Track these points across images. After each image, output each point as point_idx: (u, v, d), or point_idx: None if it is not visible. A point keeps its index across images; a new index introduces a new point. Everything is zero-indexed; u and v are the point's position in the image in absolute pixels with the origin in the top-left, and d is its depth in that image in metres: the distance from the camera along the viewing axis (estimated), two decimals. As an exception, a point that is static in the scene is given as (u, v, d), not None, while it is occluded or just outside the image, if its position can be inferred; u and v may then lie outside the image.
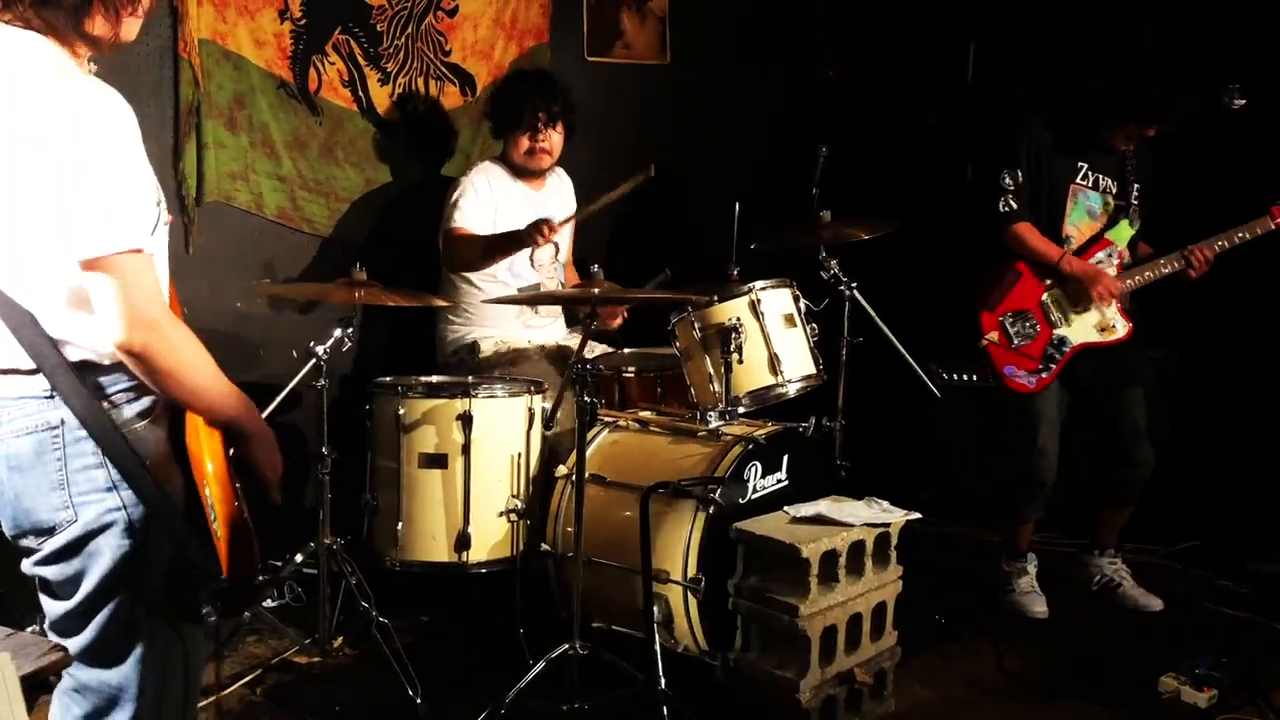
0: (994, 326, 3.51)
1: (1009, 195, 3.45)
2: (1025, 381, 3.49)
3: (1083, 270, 3.47)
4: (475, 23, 4.14)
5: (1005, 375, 3.50)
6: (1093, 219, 3.53)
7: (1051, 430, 3.53)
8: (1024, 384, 3.49)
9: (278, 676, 3.05)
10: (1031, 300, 3.52)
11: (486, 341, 3.73)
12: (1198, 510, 4.29)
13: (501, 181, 3.75)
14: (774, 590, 2.73)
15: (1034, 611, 3.58)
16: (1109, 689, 3.09)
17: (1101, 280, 3.45)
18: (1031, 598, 3.62)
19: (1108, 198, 3.53)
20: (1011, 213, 3.46)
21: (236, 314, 3.69)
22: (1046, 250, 3.47)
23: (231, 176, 3.59)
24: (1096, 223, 3.53)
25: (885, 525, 2.89)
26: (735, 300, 3.16)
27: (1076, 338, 3.51)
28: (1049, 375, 3.49)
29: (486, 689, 2.87)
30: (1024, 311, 3.51)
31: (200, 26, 3.44)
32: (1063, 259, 3.46)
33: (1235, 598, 3.82)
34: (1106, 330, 3.52)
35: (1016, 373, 3.49)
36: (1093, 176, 3.51)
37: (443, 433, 3.16)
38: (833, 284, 3.52)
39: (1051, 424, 3.53)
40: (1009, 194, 3.45)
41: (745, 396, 3.17)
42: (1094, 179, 3.51)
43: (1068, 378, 3.53)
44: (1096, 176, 3.51)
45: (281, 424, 3.41)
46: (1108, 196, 3.53)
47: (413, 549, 3.20)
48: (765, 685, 2.74)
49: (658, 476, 2.96)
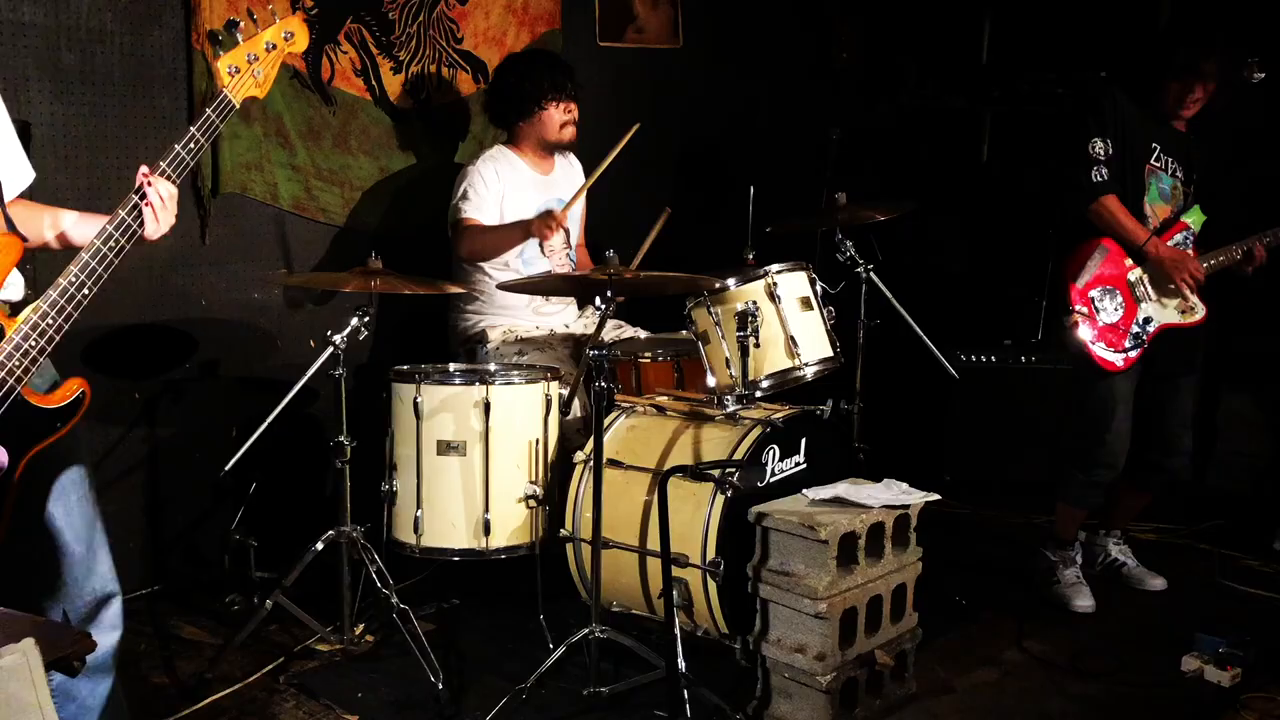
0: (1083, 301, 3.39)
1: (1100, 165, 3.33)
2: (1113, 359, 3.38)
3: (1170, 255, 3.38)
4: (487, 10, 4.13)
5: (1092, 351, 3.37)
6: (1165, 201, 3.47)
7: (1126, 413, 3.43)
8: (1112, 362, 3.38)
9: (300, 664, 3.06)
10: (1119, 277, 3.42)
11: (495, 330, 3.74)
12: (1222, 489, 4.26)
13: (509, 168, 3.75)
14: (793, 573, 2.73)
15: (1080, 605, 3.47)
16: (1131, 669, 3.08)
17: (1188, 266, 3.37)
18: (1077, 589, 3.51)
19: (1176, 181, 3.47)
20: (1104, 183, 3.34)
21: (253, 305, 3.71)
22: (1134, 229, 3.38)
23: (246, 167, 3.60)
24: (1168, 205, 3.47)
25: (905, 507, 2.88)
26: (751, 284, 3.15)
27: (1161, 318, 3.43)
28: (1135, 354, 3.39)
29: (507, 674, 2.88)
30: (1111, 288, 3.40)
31: (212, 18, 3.44)
32: (1148, 241, 3.37)
33: (1259, 576, 3.80)
34: (1188, 312, 3.44)
35: (1105, 350, 3.38)
36: (1165, 159, 3.44)
37: (461, 420, 3.17)
38: (849, 266, 3.51)
39: (1127, 406, 3.43)
40: (1100, 163, 3.33)
41: (763, 380, 3.16)
42: (1165, 161, 3.45)
43: (1145, 360, 3.43)
44: (1168, 159, 3.45)
45: (300, 414, 3.45)
46: (1176, 180, 3.47)
47: (432, 536, 3.21)
48: (785, 668, 2.74)
49: (676, 460, 2.97)
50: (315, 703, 2.85)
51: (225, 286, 3.62)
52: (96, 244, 1.92)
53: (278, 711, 2.82)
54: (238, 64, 2.08)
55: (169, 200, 1.99)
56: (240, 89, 2.10)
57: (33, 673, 1.32)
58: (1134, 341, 3.40)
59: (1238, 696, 2.91)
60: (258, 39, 2.12)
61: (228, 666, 2.99)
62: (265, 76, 2.14)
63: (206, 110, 2.04)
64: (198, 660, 3.07)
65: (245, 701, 2.86)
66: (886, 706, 2.84)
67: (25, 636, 1.36)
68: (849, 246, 3.49)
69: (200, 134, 2.02)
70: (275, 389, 3.04)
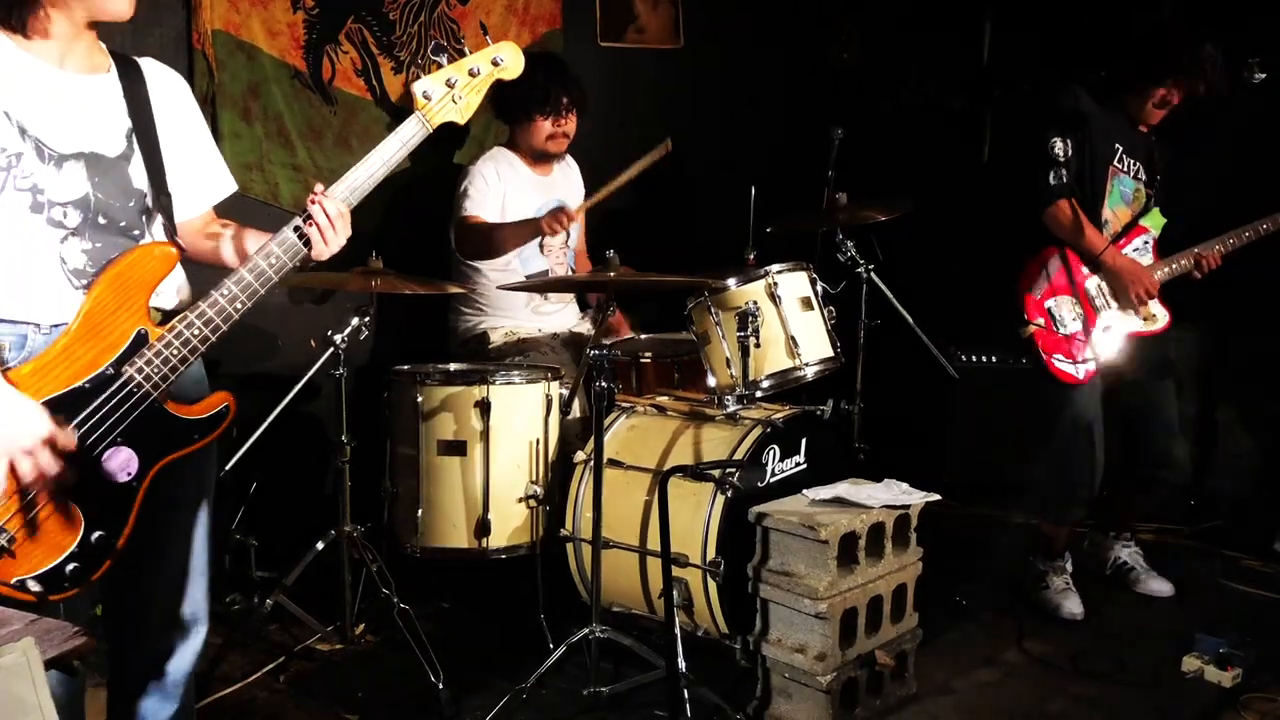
0: (1039, 312, 3.33)
1: (1059, 166, 3.18)
2: (1072, 371, 3.31)
3: (1125, 266, 3.33)
4: (487, 9, 4.13)
5: (1052, 365, 3.31)
6: (1126, 205, 3.44)
7: (1096, 428, 3.36)
8: (1071, 374, 3.31)
9: (300, 664, 3.07)
10: (1077, 285, 3.37)
11: (496, 332, 3.74)
12: (1222, 490, 4.26)
13: (510, 168, 3.75)
14: (794, 573, 2.73)
15: (1069, 612, 3.42)
16: (1132, 669, 3.08)
17: (1142, 281, 3.32)
18: (1067, 595, 3.46)
19: (1139, 184, 3.44)
20: (1060, 185, 3.21)
21: (254, 304, 3.70)
22: (1092, 238, 3.31)
23: (247, 167, 3.60)
24: (1129, 209, 3.44)
25: (905, 507, 2.88)
26: (752, 284, 3.15)
27: (1122, 326, 3.39)
28: (1094, 367, 3.34)
29: (507, 673, 2.88)
30: (1069, 298, 3.36)
31: (213, 17, 3.45)
32: (1105, 250, 3.31)
33: (1260, 577, 3.80)
34: (1149, 320, 3.40)
35: (1063, 361, 3.32)
36: (1128, 161, 3.40)
37: (461, 420, 3.17)
38: (850, 266, 3.50)
39: (1096, 421, 3.36)
40: (1059, 164, 3.17)
41: (763, 380, 3.15)
42: (1128, 163, 3.40)
43: (1109, 371, 3.38)
44: (1130, 160, 3.41)
45: (301, 414, 3.44)
46: (1139, 183, 3.44)
47: (433, 535, 3.21)
48: (785, 668, 2.74)
49: (676, 460, 2.97)
50: (315, 703, 2.85)
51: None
52: (258, 261, 1.91)
53: (278, 711, 2.82)
54: (434, 88, 2.00)
55: (338, 220, 1.95)
56: (438, 113, 2.02)
57: (33, 672, 1.32)
58: (1094, 351, 3.34)
59: (1238, 697, 2.90)
60: (461, 64, 2.03)
61: (228, 666, 2.99)
62: (468, 104, 2.05)
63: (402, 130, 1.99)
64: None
65: (245, 701, 2.86)
66: (887, 707, 2.84)
67: (25, 636, 1.36)
68: (850, 246, 3.49)
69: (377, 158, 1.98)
70: (276, 389, 3.04)
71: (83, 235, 1.85)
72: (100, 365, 1.80)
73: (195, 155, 2.09)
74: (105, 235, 1.87)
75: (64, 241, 1.84)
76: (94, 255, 1.86)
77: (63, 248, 1.83)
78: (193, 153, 2.08)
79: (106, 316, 1.81)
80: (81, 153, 1.85)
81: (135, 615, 2.07)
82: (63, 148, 1.84)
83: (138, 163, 1.93)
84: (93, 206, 1.86)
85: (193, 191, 2.08)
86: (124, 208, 1.90)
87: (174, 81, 2.06)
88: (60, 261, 1.84)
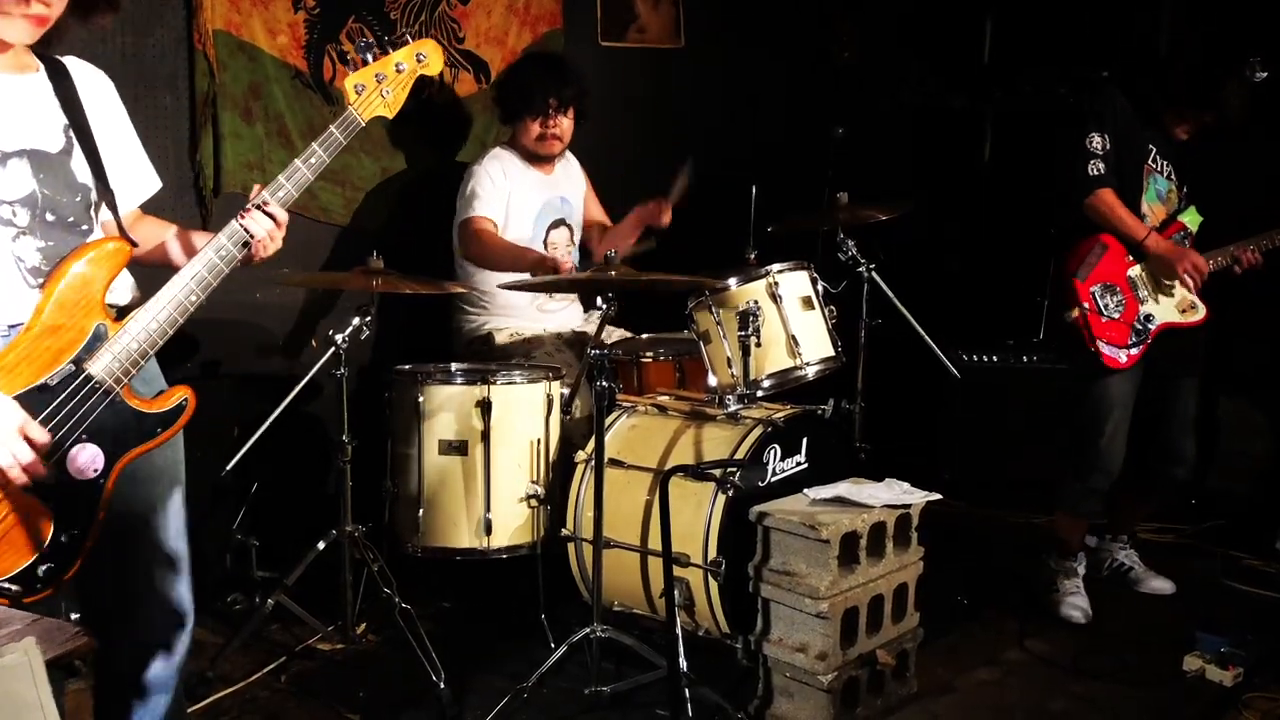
0: (1085, 297, 3.33)
1: (1097, 159, 3.29)
2: (1116, 355, 3.32)
3: (1169, 248, 3.34)
4: (488, 9, 4.13)
5: (1098, 348, 3.31)
6: (1162, 203, 3.44)
7: (1124, 416, 3.36)
8: (1115, 358, 3.32)
9: (301, 664, 3.07)
10: (1119, 274, 3.37)
11: (501, 333, 3.74)
12: (1223, 489, 4.26)
13: (513, 168, 3.75)
14: (795, 572, 2.73)
15: (1077, 617, 3.41)
16: (1133, 668, 3.07)
17: (1189, 257, 3.32)
18: (1076, 600, 3.45)
19: (1171, 184, 3.44)
20: (1100, 176, 3.29)
21: (255, 304, 3.70)
22: (1133, 223, 3.34)
23: (248, 167, 3.60)
24: (1164, 207, 3.44)
25: (906, 507, 2.88)
26: (753, 283, 3.15)
27: (1162, 316, 3.38)
28: (1137, 352, 3.34)
29: (509, 673, 2.89)
30: (1112, 285, 3.35)
31: (214, 17, 3.44)
32: (1149, 235, 3.33)
33: (1261, 576, 3.80)
34: (1188, 311, 3.40)
35: (1108, 346, 3.32)
36: (1160, 162, 3.41)
37: (462, 419, 3.17)
38: (851, 266, 3.50)
39: (1125, 410, 3.36)
40: (1097, 157, 3.29)
41: (764, 379, 3.15)
42: (1162, 164, 3.42)
43: (1146, 360, 3.37)
44: (1163, 162, 3.42)
45: (302, 414, 3.45)
46: (1171, 184, 3.44)
47: (434, 535, 3.21)
48: (787, 668, 2.74)
49: (677, 460, 2.97)
50: (317, 702, 2.85)
51: (226, 286, 3.56)
52: (209, 253, 1.94)
53: (279, 711, 2.82)
54: (364, 82, 2.11)
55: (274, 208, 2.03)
56: (368, 108, 2.11)
57: (34, 671, 1.32)
58: (1136, 339, 3.35)
59: (1239, 696, 2.90)
60: (387, 60, 2.14)
61: (229, 666, 2.99)
62: (395, 98, 2.16)
63: (331, 127, 2.05)
64: (199, 659, 3.05)
65: (246, 701, 2.86)
66: (888, 706, 2.84)
67: (26, 635, 1.36)
68: (850, 246, 3.49)
69: (321, 149, 2.04)
70: (277, 389, 3.04)
71: (34, 233, 1.85)
72: (61, 361, 1.80)
73: (124, 152, 2.08)
74: (55, 232, 1.88)
75: (15, 240, 1.84)
76: (48, 253, 1.86)
77: (15, 246, 1.84)
78: (122, 150, 2.07)
79: (64, 313, 1.81)
80: (24, 149, 1.85)
81: (118, 613, 2.06)
82: (5, 145, 1.84)
83: (79, 158, 1.93)
84: (40, 204, 1.86)
85: (124, 189, 2.07)
86: (70, 203, 1.90)
87: (100, 79, 2.06)
88: (16, 260, 1.84)
